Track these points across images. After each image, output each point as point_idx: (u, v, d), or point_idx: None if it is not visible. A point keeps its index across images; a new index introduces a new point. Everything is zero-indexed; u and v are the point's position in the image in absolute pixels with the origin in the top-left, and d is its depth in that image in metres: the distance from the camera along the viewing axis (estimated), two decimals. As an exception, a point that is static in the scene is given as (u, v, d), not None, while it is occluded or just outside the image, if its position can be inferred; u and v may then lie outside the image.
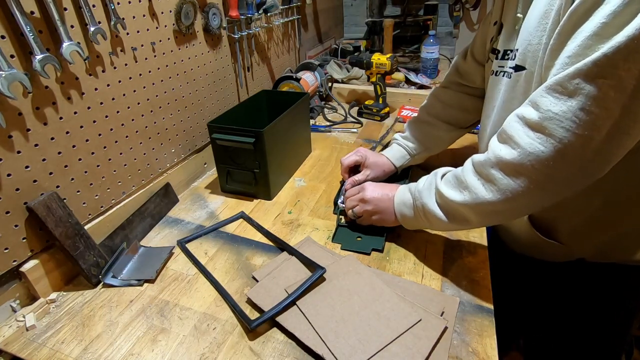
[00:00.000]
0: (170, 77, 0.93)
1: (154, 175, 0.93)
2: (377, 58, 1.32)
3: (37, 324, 0.64)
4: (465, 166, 0.63)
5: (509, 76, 0.67)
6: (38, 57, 0.61)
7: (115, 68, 0.78)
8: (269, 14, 1.30)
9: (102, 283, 0.72)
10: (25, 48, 0.61)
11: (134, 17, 0.81)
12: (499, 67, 0.71)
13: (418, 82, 1.56)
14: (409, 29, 2.07)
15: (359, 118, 1.38)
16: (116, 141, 0.81)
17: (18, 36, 0.60)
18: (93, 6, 0.71)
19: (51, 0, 0.62)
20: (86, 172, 0.76)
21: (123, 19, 0.77)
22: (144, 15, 0.83)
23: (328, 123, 1.37)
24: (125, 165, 0.84)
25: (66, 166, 0.72)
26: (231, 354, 0.58)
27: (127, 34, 0.80)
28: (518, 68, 0.64)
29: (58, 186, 0.71)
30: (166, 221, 0.89)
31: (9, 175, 0.63)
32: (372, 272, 0.68)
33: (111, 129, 0.80)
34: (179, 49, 0.94)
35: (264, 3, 1.20)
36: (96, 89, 0.75)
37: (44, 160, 0.68)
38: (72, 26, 0.68)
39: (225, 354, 0.58)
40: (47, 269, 0.69)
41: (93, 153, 0.77)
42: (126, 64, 0.81)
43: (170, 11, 0.89)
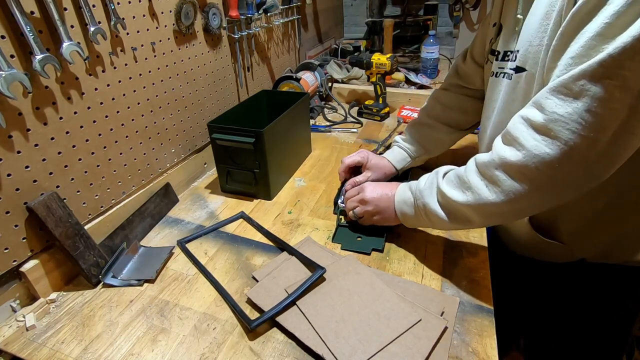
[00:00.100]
0: (170, 77, 0.93)
1: (154, 175, 0.93)
2: (377, 58, 1.32)
3: (37, 324, 0.64)
4: (468, 166, 0.62)
5: (510, 77, 0.67)
6: (38, 57, 0.61)
7: (115, 68, 0.78)
8: (269, 14, 1.30)
9: (102, 283, 0.72)
10: (25, 48, 0.61)
11: (134, 17, 0.81)
12: (499, 69, 0.71)
13: (418, 82, 1.56)
14: (409, 29, 2.07)
15: (359, 118, 1.38)
16: (116, 141, 0.81)
17: (18, 36, 0.61)
18: (93, 6, 0.71)
19: (51, 0, 0.62)
20: (86, 172, 0.76)
21: (123, 19, 0.77)
22: (144, 15, 0.83)
23: (328, 123, 1.37)
24: (125, 165, 0.84)
25: (66, 166, 0.72)
26: (231, 354, 0.58)
27: (127, 34, 0.80)
28: (518, 69, 0.64)
29: (58, 186, 0.71)
30: (166, 221, 0.90)
31: (9, 175, 0.63)
32: (372, 272, 0.68)
33: (111, 129, 0.80)
34: (179, 49, 0.94)
35: (264, 3, 1.20)
36: (96, 89, 0.75)
37: (44, 160, 0.68)
38: (72, 26, 0.68)
39: (225, 354, 0.58)
40: (47, 269, 0.69)
41: (93, 153, 0.77)
42: (126, 64, 0.81)
43: (170, 11, 0.89)
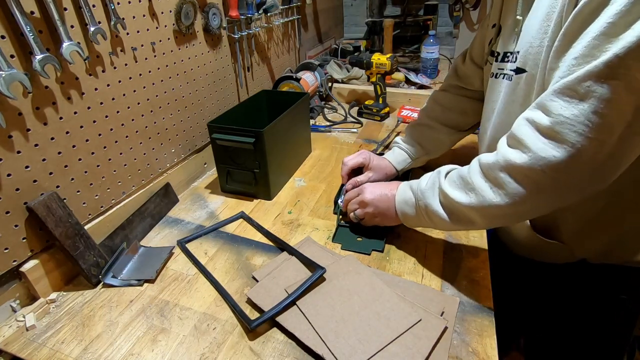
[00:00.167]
0: (170, 77, 0.93)
1: (154, 175, 0.93)
2: (377, 58, 1.32)
3: (37, 324, 0.64)
4: (471, 167, 0.61)
5: (510, 79, 0.67)
6: (38, 57, 0.61)
7: (115, 68, 0.78)
8: (269, 14, 1.30)
9: (102, 283, 0.72)
10: (25, 48, 0.61)
11: (134, 17, 0.81)
12: (499, 70, 0.71)
13: (418, 82, 1.56)
14: (409, 29, 2.07)
15: (359, 118, 1.38)
16: (116, 141, 0.81)
17: (18, 36, 0.61)
18: (93, 6, 0.71)
19: (51, 0, 0.62)
20: (86, 172, 0.76)
21: (123, 19, 0.77)
22: (144, 15, 0.83)
23: (328, 123, 1.37)
24: (125, 165, 0.84)
25: (66, 166, 0.72)
26: (231, 354, 0.58)
27: (127, 34, 0.80)
28: (519, 70, 0.64)
29: (58, 186, 0.71)
30: (166, 221, 0.89)
31: (9, 175, 0.63)
32: (372, 272, 0.68)
33: (111, 129, 0.80)
34: (179, 49, 0.94)
35: (264, 3, 1.20)
36: (96, 89, 0.75)
37: (44, 160, 0.68)
38: (72, 26, 0.68)
39: (225, 354, 0.58)
40: (47, 269, 0.69)
41: (93, 153, 0.77)
42: (126, 64, 0.81)
43: (170, 11, 0.89)
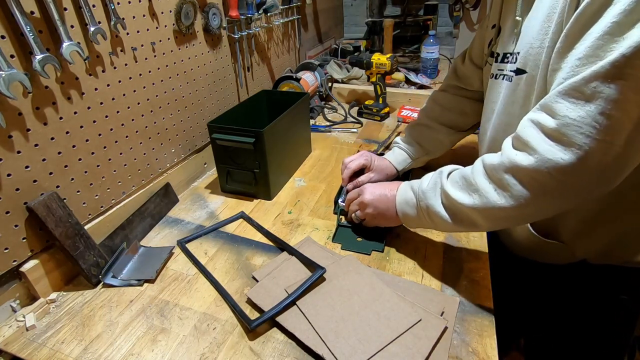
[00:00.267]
0: (170, 77, 0.93)
1: (154, 175, 0.93)
2: (377, 58, 1.32)
3: (37, 324, 0.64)
4: (475, 167, 0.60)
5: (510, 79, 0.67)
6: (38, 57, 0.61)
7: (115, 68, 0.78)
8: (269, 14, 1.30)
9: (102, 283, 0.72)
10: (25, 48, 0.61)
11: (134, 17, 0.80)
12: (499, 71, 0.71)
13: (418, 82, 1.56)
14: (409, 29, 2.07)
15: (359, 118, 1.38)
16: (116, 141, 0.81)
17: (18, 36, 0.60)
18: (93, 6, 0.71)
19: (51, 0, 0.62)
20: (86, 172, 0.76)
21: (123, 19, 0.77)
22: (144, 15, 0.83)
23: (328, 123, 1.37)
24: (125, 165, 0.84)
25: (66, 166, 0.72)
26: (231, 354, 0.58)
27: (127, 34, 0.80)
28: (519, 71, 0.63)
29: (58, 186, 0.71)
30: (166, 221, 0.89)
31: (9, 175, 0.63)
32: (372, 272, 0.68)
33: (111, 129, 0.80)
34: (179, 49, 0.94)
35: (264, 3, 1.20)
36: (96, 89, 0.75)
37: (44, 160, 0.68)
38: (72, 26, 0.68)
39: (225, 354, 0.58)
40: (47, 269, 0.69)
41: (93, 153, 0.77)
42: (126, 64, 0.81)
43: (170, 11, 0.89)
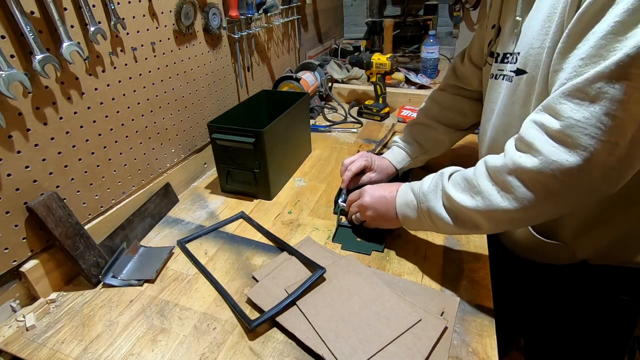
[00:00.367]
0: (170, 77, 0.93)
1: (154, 175, 0.93)
2: (377, 58, 1.32)
3: (37, 324, 0.64)
4: (477, 169, 0.59)
5: (510, 80, 0.66)
6: (38, 57, 0.61)
7: (115, 68, 0.78)
8: (269, 14, 1.30)
9: (102, 283, 0.72)
10: (25, 48, 0.61)
11: (134, 17, 0.80)
12: (499, 71, 0.71)
13: (418, 82, 1.56)
14: (409, 29, 2.07)
15: (359, 118, 1.38)
16: (116, 141, 0.81)
17: (18, 36, 0.60)
18: (93, 6, 0.71)
19: (51, 0, 0.62)
20: (86, 172, 0.76)
21: (123, 19, 0.77)
22: (144, 15, 0.83)
23: (328, 123, 1.37)
24: (125, 165, 0.84)
25: (66, 166, 0.72)
26: (231, 354, 0.58)
27: (127, 34, 0.80)
28: (519, 72, 0.63)
29: (58, 186, 0.71)
30: (166, 221, 0.89)
31: (9, 175, 0.63)
32: (372, 272, 0.68)
33: (111, 129, 0.80)
34: (179, 49, 0.94)
35: (264, 3, 1.20)
36: (96, 89, 0.75)
37: (44, 160, 0.68)
38: (72, 26, 0.68)
39: (225, 354, 0.58)
40: (47, 269, 0.69)
41: (93, 153, 0.77)
42: (126, 64, 0.81)
43: (170, 11, 0.89)
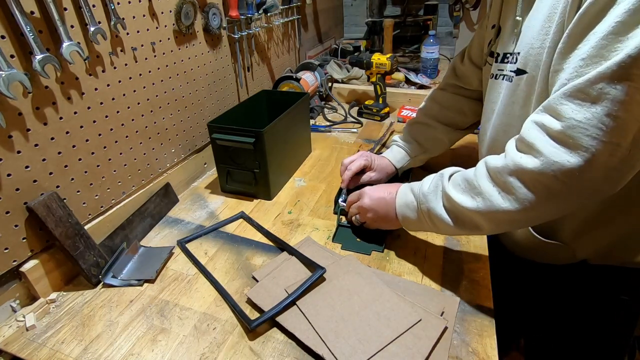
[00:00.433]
0: (170, 77, 0.93)
1: (154, 175, 0.93)
2: (377, 58, 1.32)
3: (37, 324, 0.64)
4: (478, 170, 0.59)
5: (510, 80, 0.66)
6: (38, 57, 0.61)
7: (115, 68, 0.78)
8: (269, 14, 1.30)
9: (102, 283, 0.72)
10: (25, 48, 0.61)
11: (134, 17, 0.80)
12: (499, 71, 0.71)
13: (418, 82, 1.56)
14: (409, 29, 2.07)
15: (359, 118, 1.38)
16: (116, 141, 0.81)
17: (18, 36, 0.60)
18: (93, 6, 0.71)
19: (51, 0, 0.62)
20: (86, 172, 0.76)
21: (123, 19, 0.77)
22: (144, 15, 0.83)
23: (328, 123, 1.37)
24: (125, 165, 0.84)
25: (66, 166, 0.72)
26: (231, 354, 0.58)
27: (127, 34, 0.80)
28: (519, 72, 0.63)
29: (58, 186, 0.71)
30: (166, 221, 0.89)
31: (9, 175, 0.63)
32: (372, 272, 0.68)
33: (111, 129, 0.80)
34: (179, 49, 0.94)
35: (264, 3, 1.20)
36: (96, 89, 0.75)
37: (44, 160, 0.68)
38: (72, 26, 0.68)
39: (225, 354, 0.58)
40: (47, 269, 0.69)
41: (93, 153, 0.77)
42: (126, 64, 0.81)
43: (170, 11, 0.89)
